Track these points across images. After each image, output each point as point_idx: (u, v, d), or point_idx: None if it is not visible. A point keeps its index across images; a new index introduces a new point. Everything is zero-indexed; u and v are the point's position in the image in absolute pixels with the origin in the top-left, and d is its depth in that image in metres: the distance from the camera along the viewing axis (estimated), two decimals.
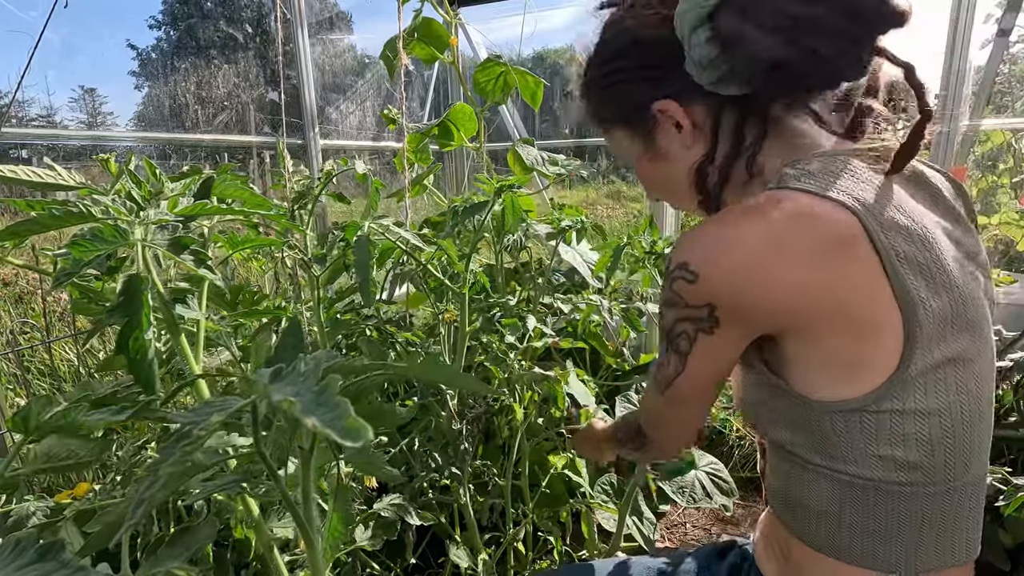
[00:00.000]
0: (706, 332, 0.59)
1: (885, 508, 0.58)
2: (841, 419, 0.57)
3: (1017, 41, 2.07)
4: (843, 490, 0.59)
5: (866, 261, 0.53)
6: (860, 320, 0.54)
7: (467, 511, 1.23)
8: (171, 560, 0.42)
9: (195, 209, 0.55)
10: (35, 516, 0.70)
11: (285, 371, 0.29)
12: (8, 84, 1.31)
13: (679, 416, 0.71)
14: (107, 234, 0.48)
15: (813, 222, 0.54)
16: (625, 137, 0.73)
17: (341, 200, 1.29)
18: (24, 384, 1.86)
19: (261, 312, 0.90)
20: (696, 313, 0.58)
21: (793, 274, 0.54)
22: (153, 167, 0.62)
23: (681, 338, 0.62)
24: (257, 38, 2.17)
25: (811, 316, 0.55)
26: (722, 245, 0.56)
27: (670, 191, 0.76)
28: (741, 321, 0.58)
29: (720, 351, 0.61)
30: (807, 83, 0.59)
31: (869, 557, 0.60)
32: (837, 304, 0.54)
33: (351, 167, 1.08)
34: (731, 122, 0.65)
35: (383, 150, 2.62)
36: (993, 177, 2.51)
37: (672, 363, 0.64)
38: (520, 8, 2.27)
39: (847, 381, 0.56)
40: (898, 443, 0.56)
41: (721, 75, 0.59)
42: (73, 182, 0.56)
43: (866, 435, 0.56)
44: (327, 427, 0.23)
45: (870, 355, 0.55)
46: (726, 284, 0.56)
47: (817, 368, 0.57)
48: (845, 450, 0.58)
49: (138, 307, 0.47)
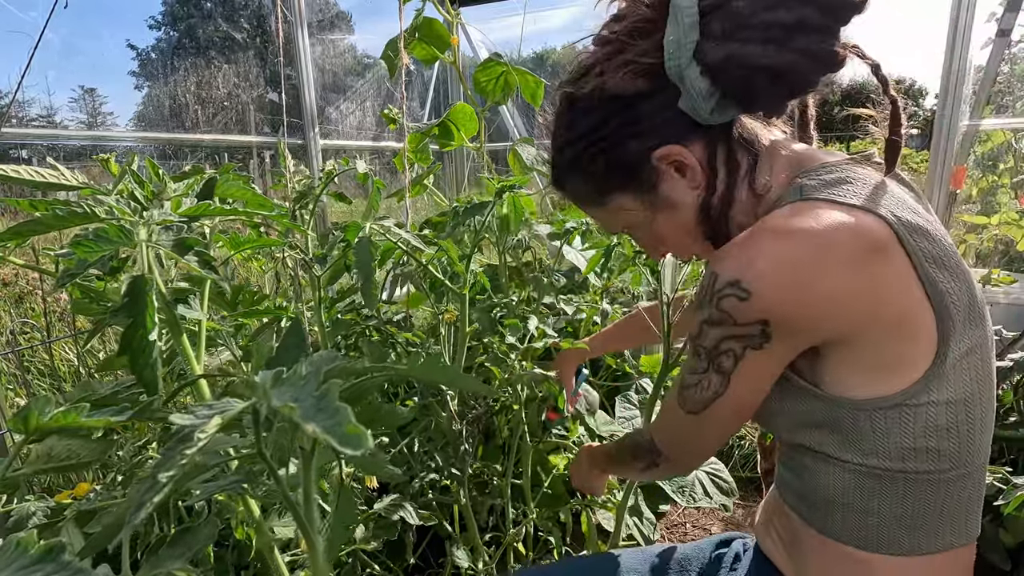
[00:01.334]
0: (755, 348, 0.59)
1: (913, 496, 0.60)
2: (880, 416, 0.58)
3: (1017, 41, 2.07)
4: (873, 483, 0.60)
5: (901, 264, 0.56)
6: (900, 321, 0.56)
7: (467, 511, 1.23)
8: (172, 560, 0.42)
9: (199, 210, 0.55)
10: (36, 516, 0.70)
11: (286, 374, 0.29)
12: (8, 84, 1.31)
13: (709, 435, 0.69)
14: (112, 234, 0.48)
15: (854, 230, 0.55)
16: (626, 201, 0.71)
17: (342, 200, 1.29)
18: (24, 384, 1.86)
19: (262, 312, 0.90)
20: (746, 331, 0.58)
21: (843, 282, 0.55)
22: (156, 167, 0.62)
23: (725, 357, 0.60)
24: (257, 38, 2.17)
25: (858, 322, 0.56)
26: (772, 259, 0.56)
27: (682, 239, 0.73)
28: (793, 334, 0.58)
29: (767, 367, 0.61)
30: (808, 82, 0.61)
31: (894, 544, 0.61)
32: (880, 308, 0.55)
33: (352, 167, 1.08)
34: (724, 151, 0.66)
35: (383, 150, 2.61)
36: (993, 177, 2.51)
37: (712, 383, 0.62)
38: (520, 8, 2.27)
39: (886, 380, 0.57)
40: (932, 434, 0.58)
41: (717, 102, 0.61)
42: (76, 182, 0.56)
43: (903, 429, 0.57)
44: (327, 433, 0.23)
45: (909, 353, 0.57)
46: (780, 299, 0.55)
47: (858, 370, 0.58)
48: (881, 445, 0.59)
49: (143, 308, 0.47)
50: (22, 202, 0.53)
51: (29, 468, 0.47)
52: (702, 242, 0.72)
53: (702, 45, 0.59)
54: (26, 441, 0.45)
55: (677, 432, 0.72)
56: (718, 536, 0.88)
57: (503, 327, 1.21)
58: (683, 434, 0.71)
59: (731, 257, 0.58)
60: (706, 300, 0.60)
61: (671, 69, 0.61)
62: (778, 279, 0.55)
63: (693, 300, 0.64)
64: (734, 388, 0.62)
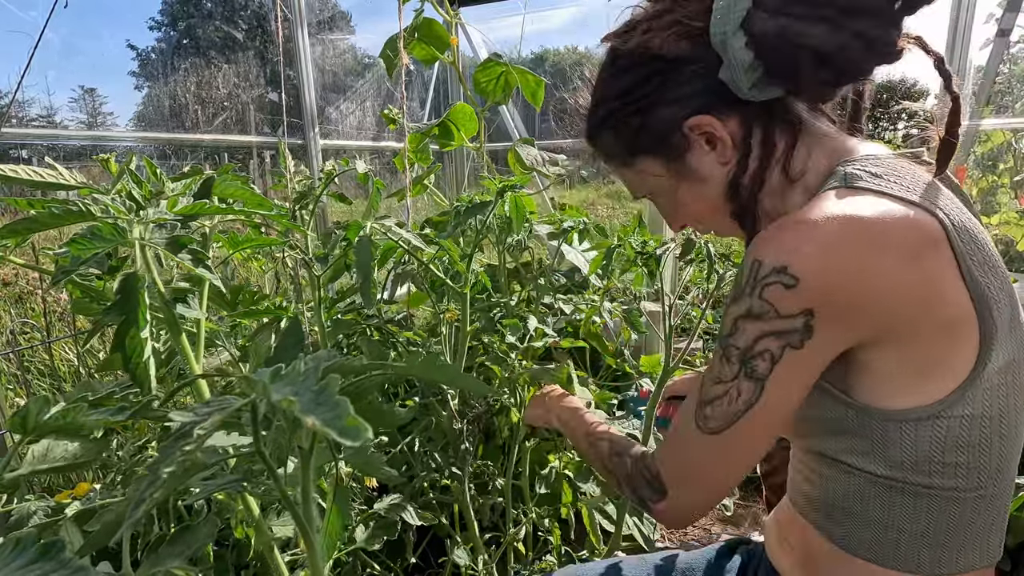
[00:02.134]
0: (795, 347, 0.54)
1: (937, 513, 0.57)
2: (911, 427, 0.55)
3: (1017, 41, 2.07)
4: (897, 496, 0.58)
5: (949, 262, 0.54)
6: (944, 322, 0.54)
7: (467, 511, 1.23)
8: (172, 559, 0.42)
9: (195, 208, 0.55)
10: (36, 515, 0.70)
11: (285, 371, 0.29)
12: (8, 84, 1.32)
13: (732, 462, 0.60)
14: (106, 232, 0.48)
15: (909, 222, 0.53)
16: (654, 166, 0.69)
17: (342, 200, 1.29)
18: (24, 384, 1.86)
19: (261, 312, 0.91)
20: (788, 325, 0.53)
21: (895, 273, 0.52)
22: (154, 167, 0.62)
23: (760, 359, 0.55)
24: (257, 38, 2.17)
25: (905, 317, 0.53)
26: (821, 243, 0.52)
27: (704, 214, 0.71)
28: (838, 327, 0.54)
29: (806, 370, 0.56)
30: (849, 72, 0.58)
31: (914, 561, 0.59)
32: (927, 305, 0.53)
33: (352, 168, 1.08)
34: (760, 129, 0.63)
35: (383, 150, 2.62)
36: (993, 177, 2.52)
37: (743, 392, 0.56)
38: (520, 8, 2.27)
39: (922, 389, 0.55)
40: (963, 449, 0.55)
41: (758, 78, 0.59)
42: (74, 181, 0.56)
43: (934, 442, 0.55)
44: (326, 426, 0.23)
45: (949, 359, 0.54)
46: (830, 285, 0.52)
47: (894, 377, 0.56)
48: (909, 457, 0.56)
49: (135, 305, 0.47)
50: (20, 201, 0.53)
51: (26, 468, 0.47)
52: (725, 219, 0.69)
53: (752, 14, 0.56)
54: (23, 441, 0.45)
55: (692, 461, 0.62)
56: (722, 543, 0.85)
57: (503, 326, 1.21)
58: (700, 463, 0.62)
59: (775, 241, 0.54)
60: (747, 291, 0.55)
61: (715, 36, 0.59)
62: (828, 264, 0.52)
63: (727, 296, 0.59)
64: (768, 397, 0.55)
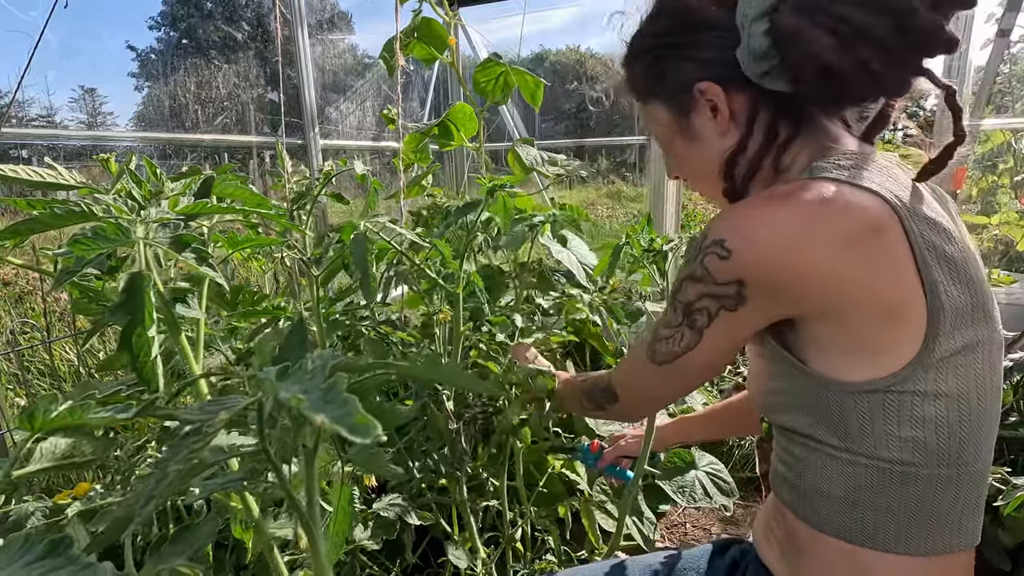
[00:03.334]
0: (729, 310, 0.60)
1: (901, 491, 0.60)
2: (864, 400, 0.58)
3: (1017, 41, 2.07)
4: (859, 472, 0.60)
5: (896, 248, 0.55)
6: (888, 305, 0.56)
7: (465, 511, 1.23)
8: (174, 558, 0.42)
9: (196, 208, 0.55)
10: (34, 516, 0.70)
11: (292, 369, 0.29)
12: (8, 84, 1.31)
13: (671, 387, 0.73)
14: (109, 232, 0.48)
15: (848, 208, 0.55)
16: (662, 112, 0.73)
17: (339, 200, 1.28)
18: (24, 384, 1.86)
19: (260, 312, 0.90)
20: (722, 290, 0.59)
21: (826, 257, 0.55)
22: (154, 167, 0.62)
23: (699, 314, 0.62)
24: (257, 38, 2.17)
25: (840, 300, 0.56)
26: (758, 224, 0.57)
27: (695, 174, 0.76)
28: (767, 301, 0.59)
29: (738, 329, 0.63)
30: (851, 94, 0.60)
31: (881, 539, 0.61)
32: (867, 290, 0.55)
33: (350, 167, 1.08)
34: (767, 116, 0.65)
35: (383, 150, 2.61)
36: (993, 177, 2.52)
37: (684, 337, 0.65)
38: (519, 8, 2.27)
39: (871, 364, 0.57)
40: (917, 424, 0.57)
41: (769, 69, 0.60)
42: (74, 181, 0.56)
43: (887, 416, 0.58)
44: (336, 424, 0.23)
45: (895, 339, 0.57)
46: (759, 262, 0.56)
47: (842, 351, 0.58)
48: (865, 432, 0.59)
49: (141, 304, 0.47)
50: (20, 201, 0.53)
51: (34, 466, 0.47)
52: (710, 187, 0.73)
53: (780, 6, 0.58)
54: (31, 438, 0.45)
55: (640, 381, 0.76)
56: (715, 543, 0.87)
57: (491, 324, 1.21)
58: (646, 384, 0.75)
59: (723, 219, 0.60)
60: (693, 256, 0.61)
61: (740, 15, 0.61)
62: (759, 242, 0.56)
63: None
64: (704, 345, 0.64)
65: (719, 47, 0.64)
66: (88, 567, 0.26)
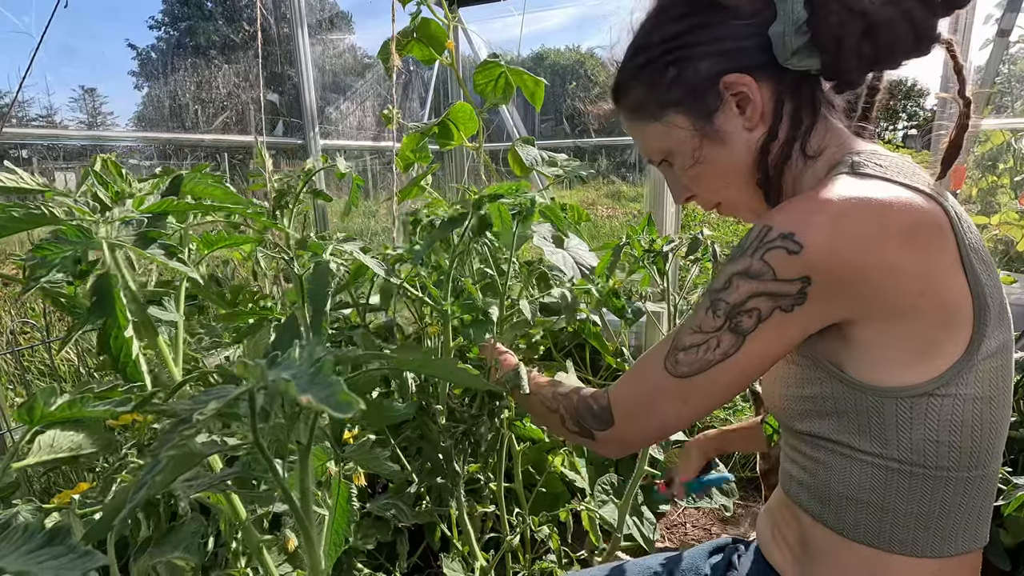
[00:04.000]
0: (784, 310, 0.56)
1: (931, 494, 0.59)
2: (906, 405, 0.57)
3: (1017, 41, 2.07)
4: (891, 478, 0.59)
5: (951, 249, 0.56)
6: (944, 304, 0.55)
7: (463, 521, 1.21)
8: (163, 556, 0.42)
9: (162, 205, 0.54)
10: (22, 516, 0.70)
11: (281, 357, 0.29)
12: (8, 84, 1.31)
13: (677, 411, 0.64)
14: (70, 234, 0.47)
15: (912, 206, 0.55)
16: (680, 121, 0.68)
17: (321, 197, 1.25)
18: (24, 384, 1.86)
19: (248, 313, 0.89)
20: (782, 288, 0.56)
21: (897, 253, 0.54)
22: (118, 167, 0.61)
23: (747, 316, 0.58)
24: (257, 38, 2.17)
25: (902, 298, 0.55)
26: (830, 217, 0.54)
27: (722, 180, 0.70)
28: (830, 300, 0.56)
29: (785, 335, 0.58)
30: (895, 52, 0.60)
31: (908, 543, 0.60)
32: (929, 288, 0.55)
33: (331, 164, 1.05)
34: (791, 104, 0.64)
35: (383, 150, 2.61)
36: (993, 177, 2.52)
37: (722, 344, 0.59)
38: (518, 8, 2.27)
39: (917, 367, 0.56)
40: (956, 429, 0.57)
41: (803, 44, 0.59)
42: (35, 185, 0.54)
43: (928, 421, 0.56)
44: (322, 403, 0.23)
45: (944, 340, 0.56)
46: (833, 256, 0.54)
47: (889, 354, 0.57)
48: (904, 437, 0.57)
49: (111, 306, 0.46)
50: None
51: (33, 459, 0.47)
52: (738, 190, 0.70)
53: None
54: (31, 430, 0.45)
55: (649, 399, 0.65)
56: (712, 543, 0.86)
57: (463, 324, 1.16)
58: (655, 402, 0.65)
59: (787, 211, 0.57)
60: (748, 250, 0.57)
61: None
62: (836, 236, 0.54)
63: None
64: (743, 354, 0.58)
65: (743, 35, 0.63)
66: (86, 555, 0.26)
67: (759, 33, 0.61)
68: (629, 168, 3.74)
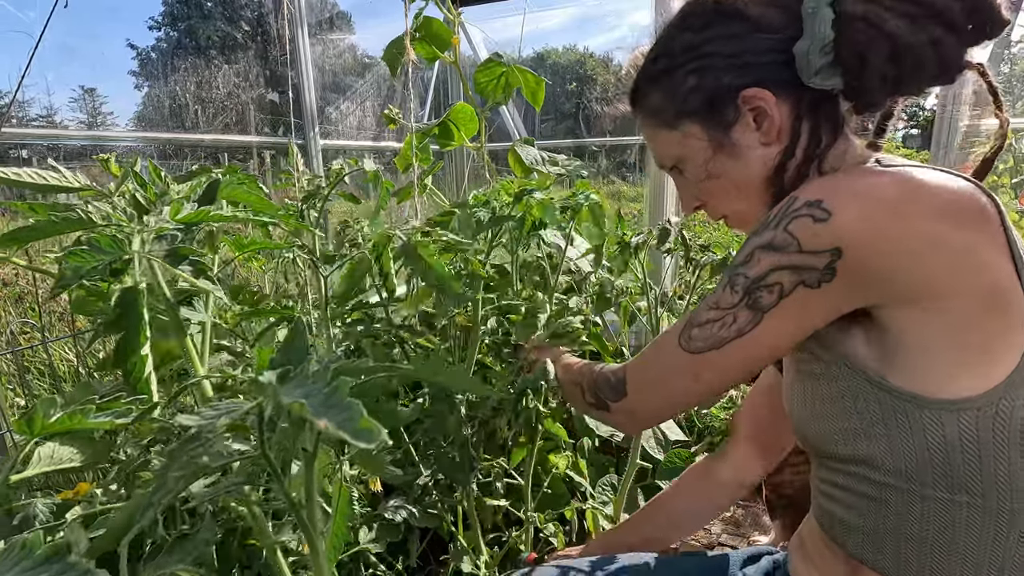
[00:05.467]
0: (809, 286, 0.52)
1: (988, 531, 0.52)
2: (968, 419, 0.49)
3: (1017, 41, 2.07)
4: (959, 514, 0.52)
5: (998, 236, 0.52)
6: (987, 290, 0.50)
7: (471, 513, 1.23)
8: (171, 566, 0.42)
9: (199, 216, 0.54)
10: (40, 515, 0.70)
11: (293, 373, 0.29)
12: (8, 84, 1.31)
13: (685, 387, 0.62)
14: (104, 244, 0.47)
15: (952, 185, 0.52)
16: (697, 132, 0.67)
17: (351, 200, 1.27)
18: (24, 384, 1.85)
19: (268, 312, 0.90)
20: (810, 261, 0.51)
21: (935, 225, 0.50)
22: (158, 169, 0.61)
23: (768, 290, 0.54)
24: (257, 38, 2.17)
25: (943, 278, 0.50)
26: (861, 186, 0.52)
27: (735, 194, 0.68)
28: (862, 276, 0.51)
29: (808, 315, 0.54)
30: (912, 78, 0.57)
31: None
32: (971, 271, 0.50)
33: (360, 167, 1.07)
34: (810, 122, 0.62)
35: (383, 150, 2.61)
36: (993, 177, 2.52)
37: (738, 320, 0.56)
38: (519, 8, 2.27)
39: (974, 366, 0.50)
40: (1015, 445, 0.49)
41: (827, 64, 0.57)
42: (77, 183, 0.55)
43: (996, 437, 0.49)
44: (339, 429, 0.23)
45: (999, 330, 0.50)
46: (864, 226, 0.50)
47: (938, 351, 0.51)
48: (969, 462, 0.50)
49: (134, 322, 0.46)
50: (21, 205, 0.53)
51: (32, 470, 0.47)
52: (754, 206, 0.67)
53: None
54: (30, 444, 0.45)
55: (661, 374, 0.65)
56: (747, 551, 0.83)
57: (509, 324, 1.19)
58: (667, 377, 0.64)
59: (817, 184, 0.54)
60: (773, 223, 0.54)
61: (808, 5, 0.57)
62: (869, 203, 0.50)
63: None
64: (760, 331, 0.55)
65: (767, 49, 0.61)
66: (87, 573, 0.26)
67: (783, 49, 0.60)
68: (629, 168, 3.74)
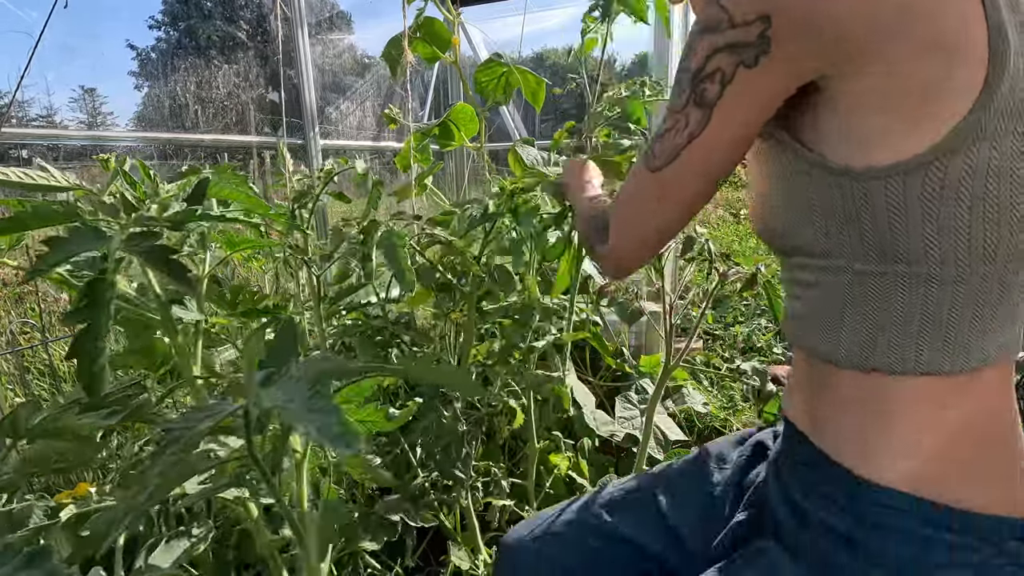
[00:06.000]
0: (748, 65, 0.49)
1: (950, 301, 0.50)
2: (899, 184, 0.47)
3: None
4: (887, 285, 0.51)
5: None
6: (942, 35, 0.45)
7: (468, 512, 1.23)
8: (165, 564, 0.42)
9: (186, 216, 0.54)
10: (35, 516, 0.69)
11: (277, 375, 0.29)
12: (8, 84, 1.31)
13: (655, 210, 0.60)
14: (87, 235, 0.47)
15: None
16: None
17: (341, 199, 1.28)
18: (23, 384, 1.85)
19: (261, 312, 0.90)
20: (742, 35, 0.48)
21: None
22: (147, 168, 0.61)
23: (710, 81, 0.51)
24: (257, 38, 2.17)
25: (889, 26, 0.45)
26: None
27: None
28: (798, 45, 0.47)
29: (756, 97, 0.51)
30: None
31: (920, 362, 0.52)
32: (920, 12, 0.44)
33: (351, 167, 1.08)
34: None
35: (383, 150, 2.61)
36: None
37: (691, 122, 0.53)
38: (519, 8, 2.26)
39: (913, 133, 0.46)
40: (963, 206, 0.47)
41: None
42: (65, 183, 0.55)
43: (928, 201, 0.47)
44: (319, 434, 0.22)
45: (947, 80, 0.45)
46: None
47: (877, 120, 0.47)
48: (897, 231, 0.49)
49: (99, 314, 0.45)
50: (11, 201, 0.53)
51: (17, 473, 0.47)
52: None
53: None
54: (14, 446, 0.45)
55: (633, 206, 0.63)
56: (739, 433, 0.80)
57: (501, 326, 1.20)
58: (637, 209, 0.62)
59: None
60: (707, 7, 0.51)
61: None
62: None
63: None
64: (713, 128, 0.53)
65: None
66: None
67: None
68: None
